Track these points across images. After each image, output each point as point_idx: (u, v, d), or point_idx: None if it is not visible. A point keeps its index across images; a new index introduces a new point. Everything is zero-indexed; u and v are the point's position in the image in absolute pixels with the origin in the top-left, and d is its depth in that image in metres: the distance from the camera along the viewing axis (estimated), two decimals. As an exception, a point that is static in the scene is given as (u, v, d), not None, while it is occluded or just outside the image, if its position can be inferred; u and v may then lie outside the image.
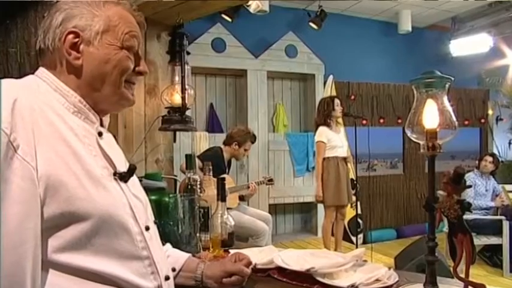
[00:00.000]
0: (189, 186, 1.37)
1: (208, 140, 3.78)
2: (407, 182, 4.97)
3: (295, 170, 4.17)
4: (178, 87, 1.43)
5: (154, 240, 0.73)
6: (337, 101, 3.28)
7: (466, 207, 0.99)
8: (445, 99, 0.97)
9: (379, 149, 4.54)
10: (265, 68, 4.06)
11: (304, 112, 4.52)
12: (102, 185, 0.65)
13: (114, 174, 0.69)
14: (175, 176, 1.61)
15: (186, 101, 1.43)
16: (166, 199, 1.31)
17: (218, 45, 3.86)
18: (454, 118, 0.96)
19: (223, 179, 1.32)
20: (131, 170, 0.73)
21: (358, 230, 4.20)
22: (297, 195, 4.18)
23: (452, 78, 0.98)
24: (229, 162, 3.13)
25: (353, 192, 3.66)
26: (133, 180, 0.75)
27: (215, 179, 1.31)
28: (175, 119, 1.44)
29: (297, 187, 4.19)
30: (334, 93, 4.21)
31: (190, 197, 1.27)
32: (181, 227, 1.27)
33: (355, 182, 3.78)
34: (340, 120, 3.66)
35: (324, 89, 4.28)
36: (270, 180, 3.20)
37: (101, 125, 0.73)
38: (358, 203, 4.24)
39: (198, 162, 2.71)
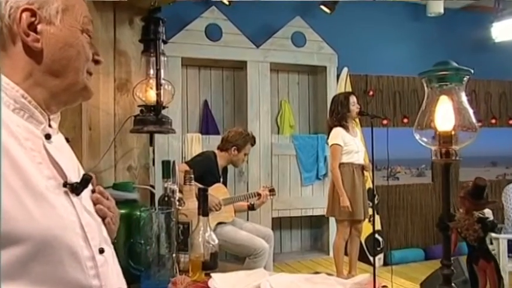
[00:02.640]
0: (166, 198, 1.35)
1: (201, 143, 3.78)
2: (437, 192, 4.89)
3: (302, 178, 4.14)
4: (153, 82, 1.41)
5: (109, 266, 0.71)
6: (353, 99, 3.24)
7: (490, 227, 0.95)
8: (463, 95, 0.94)
9: (403, 154, 4.47)
10: (268, 59, 4.04)
11: (314, 111, 4.48)
12: (45, 200, 0.63)
13: (64, 185, 0.67)
14: (152, 186, 1.59)
15: (162, 98, 1.41)
16: (138, 213, 1.30)
17: (213, 33, 3.86)
18: (473, 118, 0.93)
19: (206, 189, 1.30)
20: (85, 180, 0.71)
21: (378, 249, 4.15)
22: (305, 207, 4.15)
23: (472, 71, 0.94)
24: (225, 169, 3.13)
25: (369, 204, 3.62)
26: (89, 192, 0.74)
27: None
28: (150, 119, 1.43)
29: (305, 198, 4.16)
30: (349, 89, 4.19)
31: (167, 210, 1.24)
32: (155, 246, 1.26)
33: (374, 193, 3.74)
34: (356, 120, 3.62)
35: (338, 84, 4.26)
36: (272, 190, 3.18)
37: (49, 125, 0.72)
38: (378, 217, 4.20)
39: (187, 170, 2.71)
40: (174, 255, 1.22)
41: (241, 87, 4.15)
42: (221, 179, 3.05)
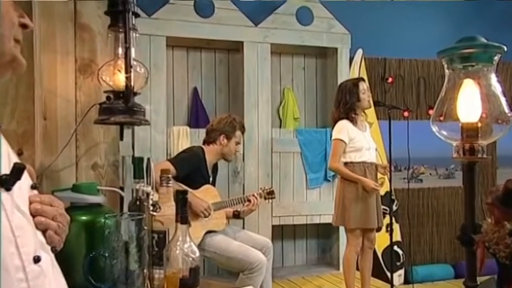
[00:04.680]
0: (138, 202, 1.34)
1: (189, 137, 3.78)
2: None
3: (308, 180, 4.12)
4: (123, 64, 1.37)
5: (48, 278, 0.69)
6: (363, 86, 3.22)
7: (525, 240, 0.91)
8: (493, 78, 0.90)
9: (428, 152, 4.43)
10: (268, 39, 4.02)
11: (322, 100, 4.47)
12: None
13: None
14: (122, 187, 1.56)
15: (133, 83, 1.36)
16: (102, 220, 1.27)
17: (204, 8, 3.83)
18: (506, 107, 0.89)
19: (185, 192, 1.27)
20: (17, 171, 0.68)
21: (397, 264, 4.13)
22: (311, 213, 4.13)
23: (505, 48, 0.90)
24: (215, 167, 3.13)
25: (387, 211, 3.59)
26: (21, 187, 0.70)
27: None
28: (119, 107, 1.39)
29: (311, 203, 4.15)
30: (364, 74, 4.16)
31: (138, 217, 1.21)
32: (122, 260, 1.23)
33: (391, 197, 3.70)
34: (369, 112, 3.57)
35: (350, 69, 4.24)
36: (271, 192, 3.18)
37: None
38: (397, 226, 4.17)
39: (170, 168, 2.70)
40: (145, 270, 1.19)
41: (236, 72, 4.13)
42: (210, 179, 3.04)
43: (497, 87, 0.90)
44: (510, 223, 0.92)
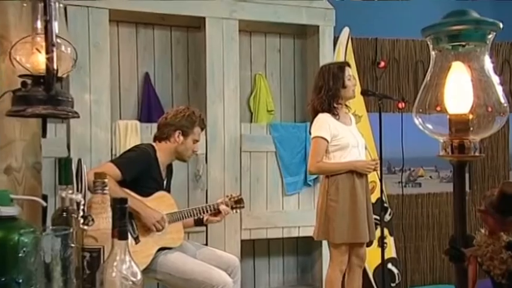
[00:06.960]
0: (64, 214, 1.34)
1: (140, 133, 3.77)
2: (478, 205, 4.95)
3: (284, 184, 4.15)
4: (43, 41, 1.34)
5: None
6: (349, 72, 3.27)
7: (525, 255, 0.93)
8: (487, 61, 0.91)
9: (427, 151, 4.48)
10: (236, 14, 4.02)
11: (301, 89, 4.51)
12: None
13: None
14: (44, 195, 1.53)
15: (56, 66, 1.33)
16: (16, 237, 1.24)
17: (157, -25, 3.81)
18: (502, 97, 0.90)
19: (124, 200, 1.26)
20: None
21: (392, 285, 4.18)
22: (289, 225, 4.16)
23: (501, 25, 0.91)
24: (169, 169, 3.15)
25: (378, 221, 3.63)
26: None
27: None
28: (38, 96, 1.35)
29: (289, 212, 4.17)
30: (350, 58, 4.22)
31: (64, 232, 1.22)
32: (43, 286, 1.24)
33: (384, 205, 3.75)
34: (357, 102, 3.61)
35: (335, 51, 4.27)
36: (239, 201, 3.21)
37: None
38: (391, 240, 4.22)
39: (114, 171, 2.68)
40: (73, 299, 1.19)
41: (197, 55, 4.14)
42: (164, 183, 3.05)
43: (491, 71, 0.91)
44: (507, 234, 0.93)
